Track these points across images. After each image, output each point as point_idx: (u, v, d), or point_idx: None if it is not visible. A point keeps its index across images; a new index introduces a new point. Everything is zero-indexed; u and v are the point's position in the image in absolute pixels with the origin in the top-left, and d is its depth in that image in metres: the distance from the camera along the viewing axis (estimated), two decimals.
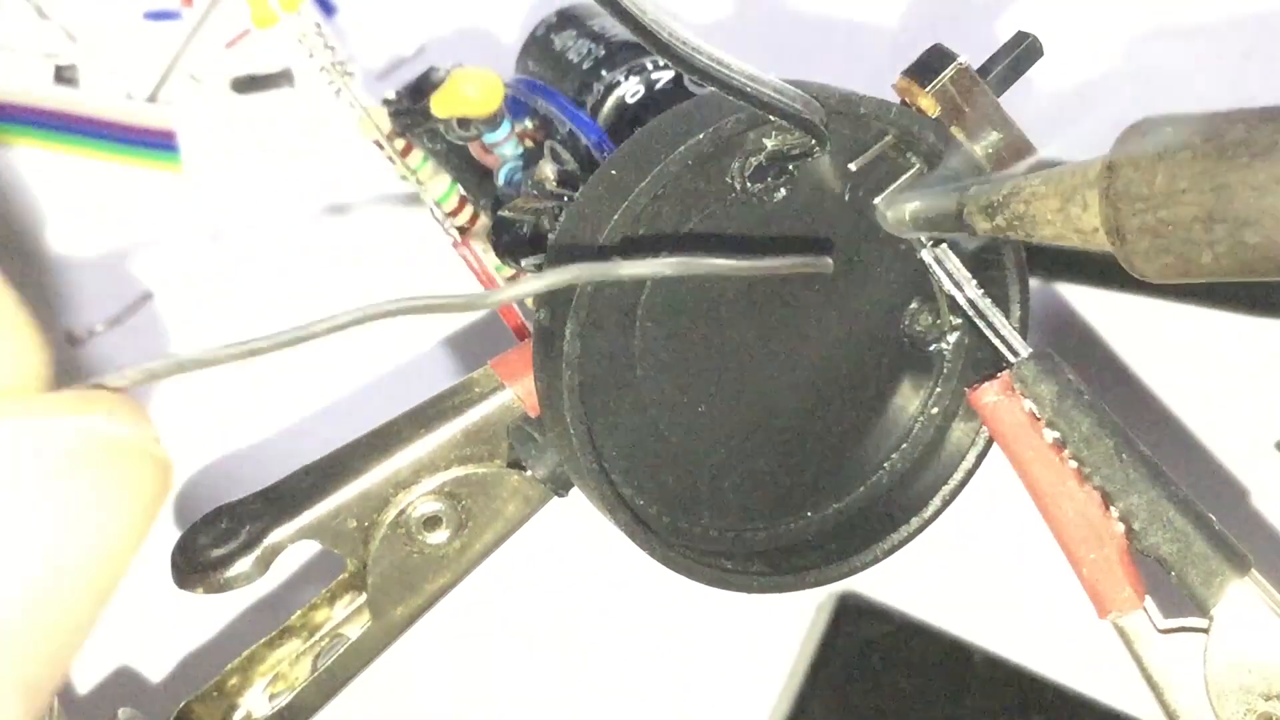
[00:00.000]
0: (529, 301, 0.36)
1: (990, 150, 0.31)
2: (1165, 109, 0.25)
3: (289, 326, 0.21)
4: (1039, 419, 0.31)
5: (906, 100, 0.32)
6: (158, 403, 0.45)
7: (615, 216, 0.29)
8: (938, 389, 0.35)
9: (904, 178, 0.32)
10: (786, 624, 0.44)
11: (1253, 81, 0.51)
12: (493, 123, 0.36)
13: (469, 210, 0.38)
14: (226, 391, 0.46)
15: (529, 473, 0.34)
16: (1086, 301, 0.48)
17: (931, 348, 0.35)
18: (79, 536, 0.18)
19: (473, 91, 0.35)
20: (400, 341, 0.47)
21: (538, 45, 0.42)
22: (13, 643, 0.17)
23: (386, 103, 0.39)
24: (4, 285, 0.18)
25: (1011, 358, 0.31)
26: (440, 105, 0.36)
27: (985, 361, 0.33)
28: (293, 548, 0.33)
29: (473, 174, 0.39)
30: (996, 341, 0.32)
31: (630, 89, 0.38)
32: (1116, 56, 0.52)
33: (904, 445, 0.35)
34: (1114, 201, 0.25)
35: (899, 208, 0.31)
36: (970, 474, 0.35)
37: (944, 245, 0.32)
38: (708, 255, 0.28)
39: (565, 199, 0.33)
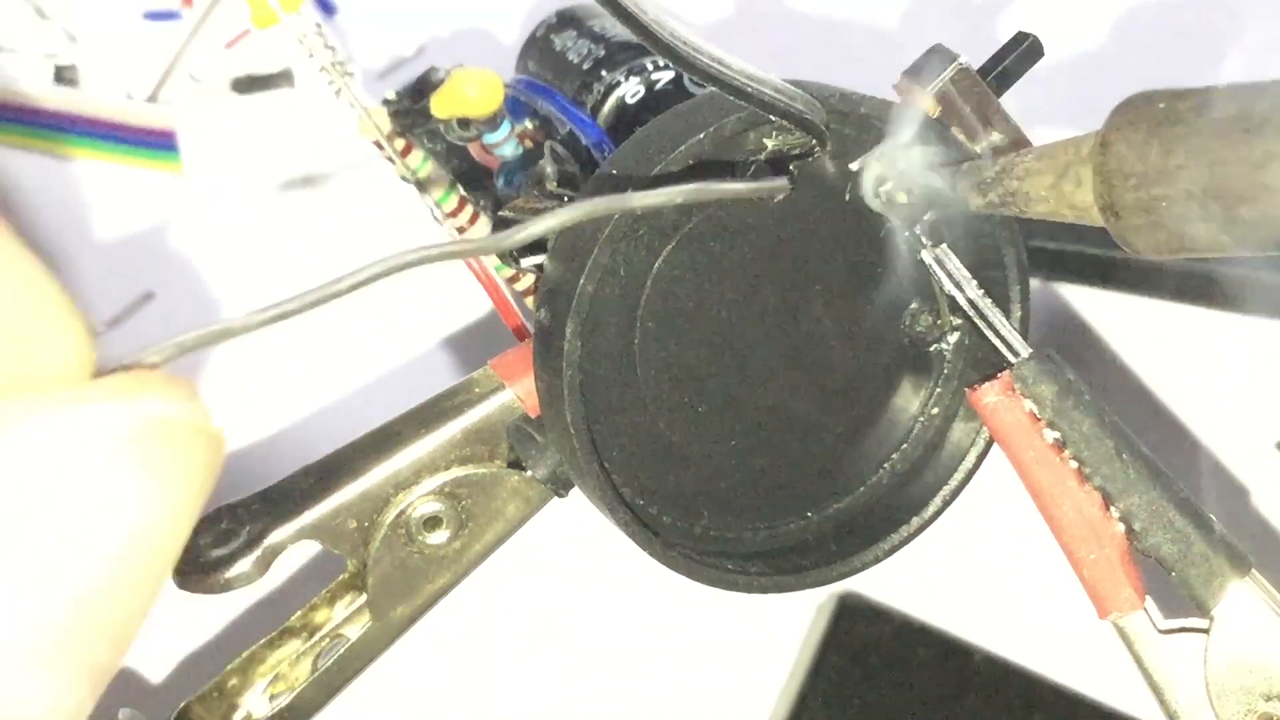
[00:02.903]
0: (529, 301, 0.36)
1: (990, 150, 0.31)
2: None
3: (314, 286, 0.21)
4: (1039, 419, 0.31)
5: (907, 100, 0.32)
6: None
7: (616, 216, 0.29)
8: (938, 389, 0.35)
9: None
10: (786, 624, 0.44)
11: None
12: (493, 123, 0.36)
13: (469, 210, 0.38)
14: (226, 391, 0.46)
15: (529, 473, 0.34)
16: (1086, 301, 0.48)
17: (931, 348, 0.35)
18: (141, 520, 0.18)
19: (473, 91, 0.35)
20: (400, 341, 0.47)
21: (538, 46, 0.42)
22: (81, 628, 0.18)
23: (386, 103, 0.39)
24: (48, 275, 0.18)
25: (1011, 358, 0.31)
26: (440, 105, 0.36)
27: (985, 361, 0.33)
28: (293, 548, 0.33)
29: (473, 174, 0.39)
30: (996, 341, 0.32)
31: (630, 89, 0.38)
32: (1124, 47, 0.52)
33: (904, 445, 0.35)
34: (1107, 178, 0.25)
35: (885, 185, 0.31)
36: (970, 474, 0.35)
37: (944, 245, 0.32)
38: (715, 182, 0.28)
39: (565, 199, 0.33)
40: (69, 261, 0.49)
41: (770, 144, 0.30)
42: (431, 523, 0.34)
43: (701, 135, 0.29)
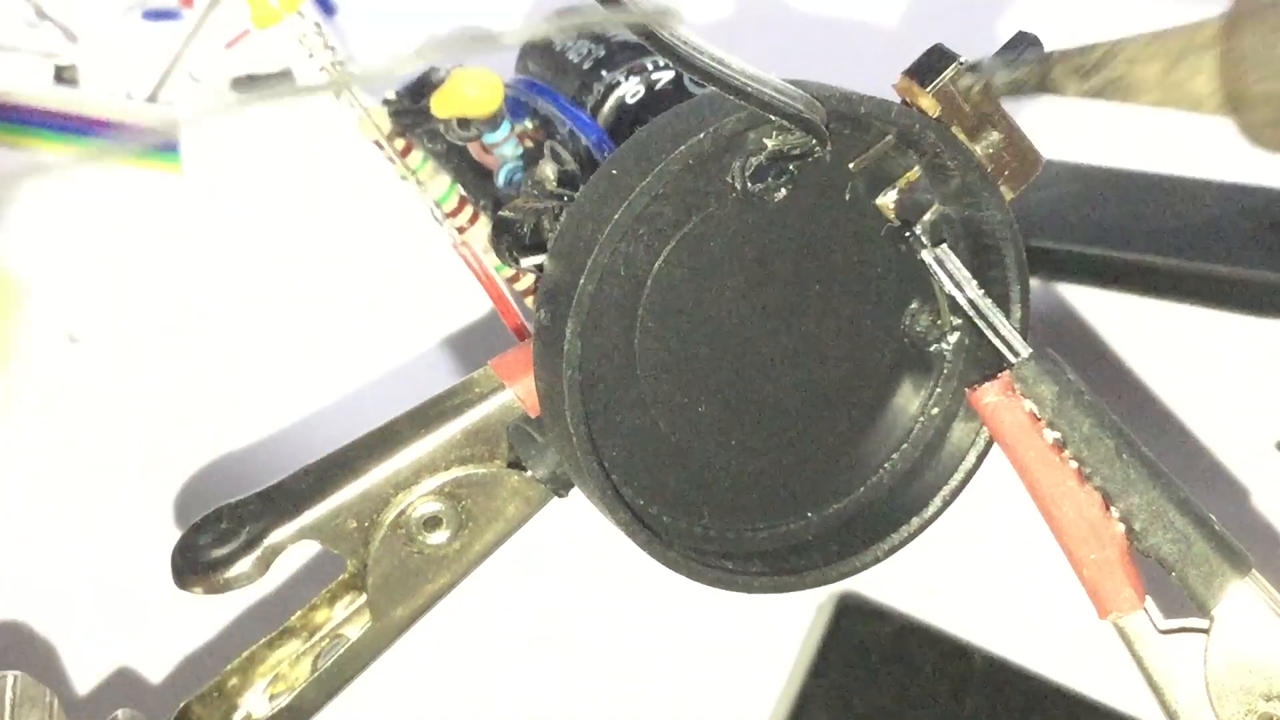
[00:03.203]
0: (529, 301, 0.36)
1: (991, 150, 0.31)
2: None
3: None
4: (1039, 419, 0.31)
5: (907, 100, 0.32)
6: (155, 403, 0.45)
7: (616, 216, 0.29)
8: (938, 389, 0.35)
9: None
10: (786, 624, 0.44)
11: None
12: (493, 123, 0.36)
13: (469, 210, 0.38)
14: (227, 391, 0.46)
15: (529, 473, 0.34)
16: (1086, 301, 0.48)
17: (931, 348, 0.35)
18: None
19: (473, 91, 0.35)
20: (400, 341, 0.47)
21: (538, 45, 0.42)
22: None
23: (386, 103, 0.39)
24: None
25: (1011, 358, 0.31)
26: (440, 105, 0.36)
27: (985, 361, 0.33)
28: (293, 548, 0.33)
29: (473, 174, 0.39)
30: (996, 341, 0.32)
31: (630, 89, 0.38)
32: None
33: (904, 445, 0.35)
34: (1233, 67, 0.23)
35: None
36: (970, 474, 0.35)
37: (944, 245, 0.32)
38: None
39: (565, 199, 0.33)
40: (69, 261, 0.49)
41: (771, 144, 0.30)
42: (431, 523, 0.34)
43: (702, 135, 0.29)
